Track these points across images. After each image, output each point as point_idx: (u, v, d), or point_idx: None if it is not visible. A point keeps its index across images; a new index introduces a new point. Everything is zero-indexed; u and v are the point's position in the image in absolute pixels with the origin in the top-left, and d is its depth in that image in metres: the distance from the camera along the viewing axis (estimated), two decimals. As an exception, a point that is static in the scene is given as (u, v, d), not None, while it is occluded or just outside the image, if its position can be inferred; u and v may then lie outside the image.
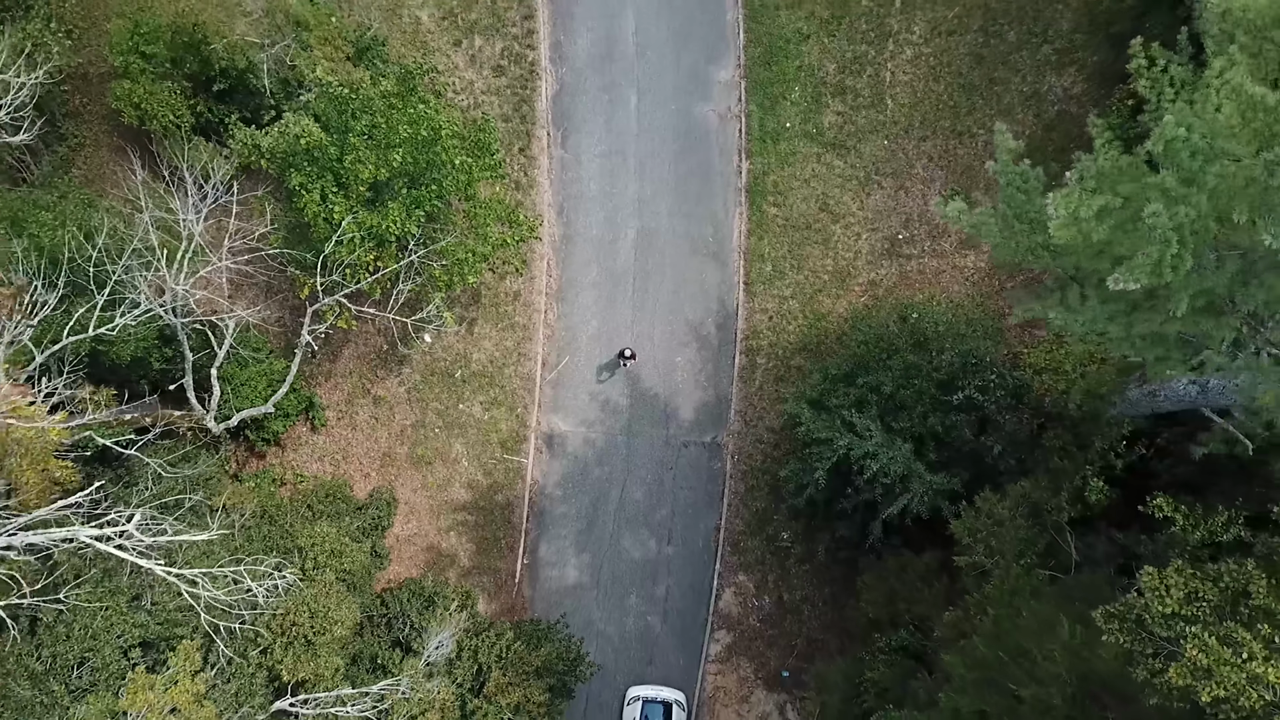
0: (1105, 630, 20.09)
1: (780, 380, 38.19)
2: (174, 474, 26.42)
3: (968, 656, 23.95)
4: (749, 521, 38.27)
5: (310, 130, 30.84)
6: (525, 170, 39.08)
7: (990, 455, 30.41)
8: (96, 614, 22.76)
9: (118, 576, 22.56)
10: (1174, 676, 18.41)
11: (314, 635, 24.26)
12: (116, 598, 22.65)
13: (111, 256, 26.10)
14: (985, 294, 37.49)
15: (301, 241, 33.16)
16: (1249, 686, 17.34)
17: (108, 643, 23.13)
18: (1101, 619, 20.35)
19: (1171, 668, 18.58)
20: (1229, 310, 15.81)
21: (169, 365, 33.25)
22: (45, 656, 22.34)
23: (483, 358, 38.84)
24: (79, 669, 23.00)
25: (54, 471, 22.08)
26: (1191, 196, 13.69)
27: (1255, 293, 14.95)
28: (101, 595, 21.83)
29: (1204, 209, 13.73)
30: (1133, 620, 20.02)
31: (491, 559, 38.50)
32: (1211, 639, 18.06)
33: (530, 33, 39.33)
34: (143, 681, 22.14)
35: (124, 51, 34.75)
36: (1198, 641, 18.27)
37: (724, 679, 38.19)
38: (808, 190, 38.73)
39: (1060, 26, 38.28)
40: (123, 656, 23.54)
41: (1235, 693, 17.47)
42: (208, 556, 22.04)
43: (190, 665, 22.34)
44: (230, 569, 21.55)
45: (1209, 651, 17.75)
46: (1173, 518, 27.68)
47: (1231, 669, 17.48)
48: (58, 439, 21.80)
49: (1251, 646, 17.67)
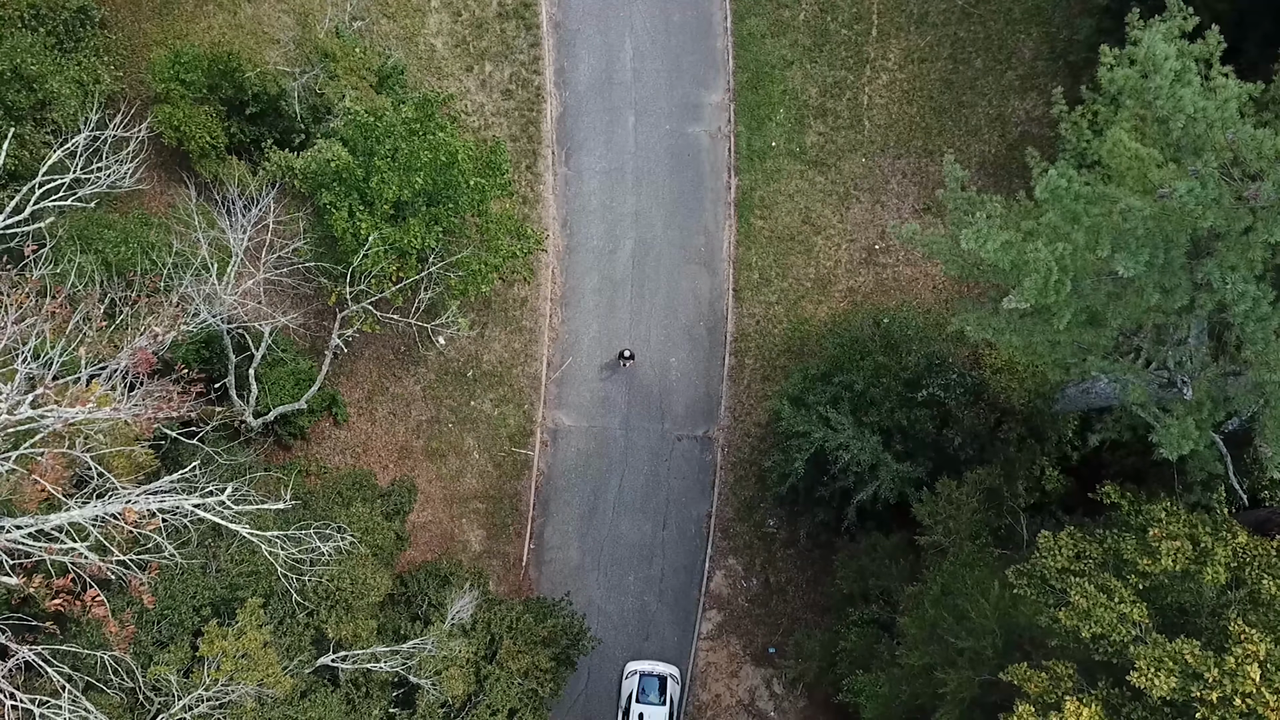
0: (1015, 585, 23.51)
1: (766, 379, 40.55)
2: (228, 461, 29.71)
3: (919, 619, 27.26)
4: (737, 509, 40.63)
5: (339, 154, 33.57)
6: (532, 186, 41.42)
7: (952, 446, 33.19)
8: (174, 577, 26.23)
9: (192, 545, 25.91)
10: (1064, 619, 21.83)
11: (353, 599, 27.60)
12: (192, 563, 26.07)
13: (173, 271, 29.26)
14: (951, 300, 39.78)
15: (330, 254, 35.60)
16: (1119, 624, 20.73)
17: (184, 601, 26.62)
18: (1013, 575, 23.78)
19: (1062, 612, 21.99)
20: (1104, 324, 19.04)
21: (207, 365, 36.05)
22: (135, 611, 25.74)
23: (493, 358, 41.14)
24: (160, 623, 26.44)
25: (137, 457, 25.46)
26: (1073, 233, 16.90)
27: (1121, 310, 18.16)
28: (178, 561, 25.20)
29: (1080, 243, 16.93)
30: (1037, 576, 23.44)
31: (501, 544, 40.77)
32: (1091, 587, 21.46)
33: (536, 59, 41.73)
34: (218, 632, 25.60)
35: (165, 79, 37.07)
36: (1080, 589, 21.68)
37: (715, 655, 40.58)
38: (792, 204, 41.19)
39: (1023, 55, 40.91)
40: (195, 614, 27.01)
41: (1109, 630, 20.88)
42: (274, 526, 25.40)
43: (256, 619, 25.74)
44: (302, 532, 24.90)
45: (1089, 597, 21.15)
46: (1119, 503, 30.83)
47: (1105, 609, 20.89)
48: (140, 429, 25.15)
49: (1121, 592, 21.07)
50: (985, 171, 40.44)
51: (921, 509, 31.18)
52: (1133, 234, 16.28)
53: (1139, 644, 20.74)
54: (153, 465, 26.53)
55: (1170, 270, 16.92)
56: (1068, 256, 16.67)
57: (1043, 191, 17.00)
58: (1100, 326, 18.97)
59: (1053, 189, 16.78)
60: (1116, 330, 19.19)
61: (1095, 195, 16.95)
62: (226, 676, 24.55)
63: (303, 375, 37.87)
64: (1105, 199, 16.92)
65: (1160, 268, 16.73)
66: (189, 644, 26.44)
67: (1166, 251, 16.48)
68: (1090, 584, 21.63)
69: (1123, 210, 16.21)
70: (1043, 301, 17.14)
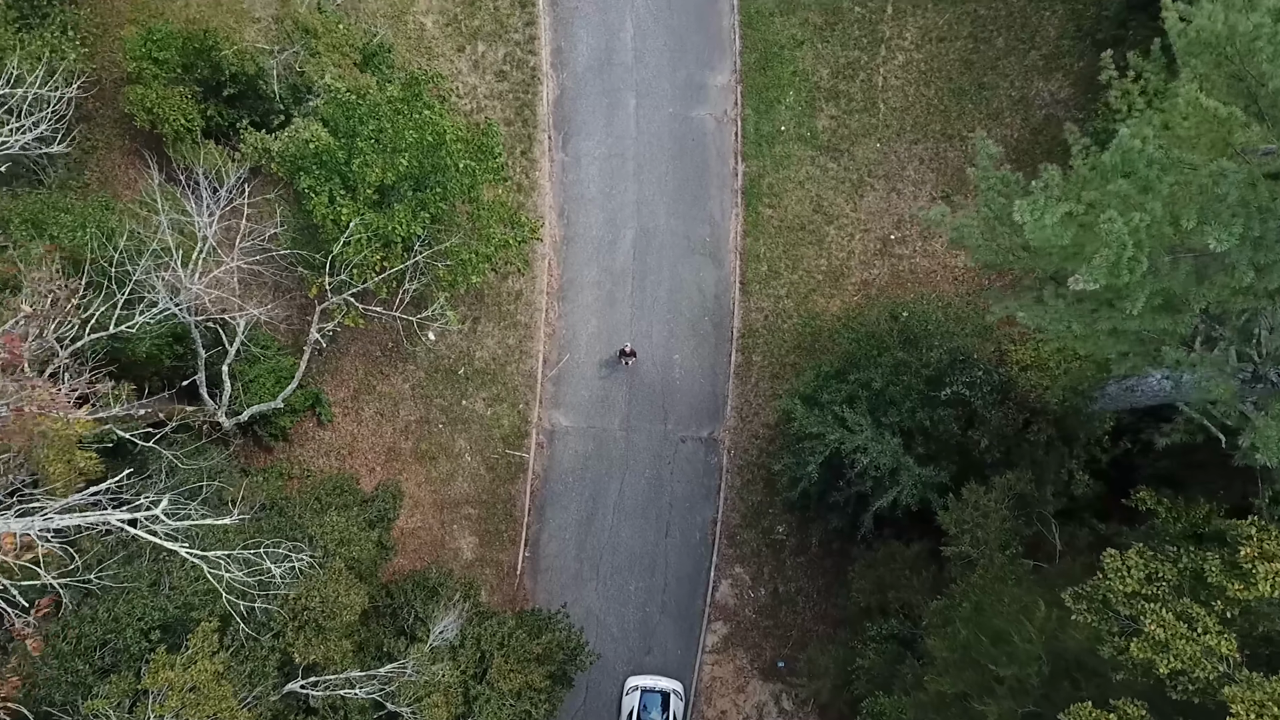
0: (1074, 610, 21.10)
1: (775, 377, 39.07)
2: (190, 466, 27.44)
3: (950, 640, 24.97)
4: (744, 515, 39.13)
5: (319, 135, 31.75)
6: (527, 173, 39.98)
7: (977, 449, 31.33)
8: (119, 597, 23.82)
9: (139, 561, 23.58)
10: (1135, 651, 19.43)
11: (324, 620, 25.26)
12: (138, 582, 23.70)
13: (131, 257, 27.08)
14: (973, 293, 38.37)
15: (310, 242, 33.98)
16: (1203, 658, 18.35)
17: (129, 625, 24.19)
18: (1070, 599, 21.39)
19: (1133, 643, 19.59)
20: (1184, 308, 16.82)
21: (180, 362, 34.17)
22: (71, 637, 23.35)
23: (486, 355, 39.66)
24: (102, 649, 24.06)
25: (79, 462, 23.11)
26: (1147, 203, 14.69)
27: (1207, 292, 15.93)
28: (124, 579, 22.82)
29: (1158, 215, 14.72)
30: (1099, 600, 21.04)
31: (494, 551, 39.31)
32: (1169, 615, 19.09)
33: (532, 39, 40.22)
34: (164, 661, 23.18)
35: (137, 57, 35.49)
36: (1156, 617, 19.30)
37: (721, 669, 39.02)
38: (802, 192, 39.62)
39: (1047, 33, 39.22)
40: (143, 638, 24.61)
41: (1190, 664, 18.48)
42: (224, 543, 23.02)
43: (208, 646, 23.36)
44: (251, 551, 22.53)
45: (1166, 626, 18.78)
46: (1155, 510, 28.64)
47: (1187, 642, 18.51)
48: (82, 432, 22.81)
49: (1205, 621, 18.70)
50: (1008, 157, 38.57)
51: (947, 517, 29.08)
52: (1224, 202, 14.07)
53: (1229, 682, 18.36)
54: (97, 472, 24.20)
55: (1266, 245, 14.70)
56: (1143, 229, 14.45)
57: (1113, 154, 14.80)
58: (1178, 312, 16.72)
59: (1125, 151, 14.57)
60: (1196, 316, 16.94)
61: (1170, 161, 14.73)
62: (172, 713, 22.12)
63: (284, 373, 36.46)
64: (1181, 165, 14.70)
65: (1254, 242, 14.51)
66: (135, 672, 24.05)
67: (1263, 223, 14.27)
68: (1168, 611, 19.23)
69: (1213, 174, 13.98)
70: (1114, 282, 14.93)
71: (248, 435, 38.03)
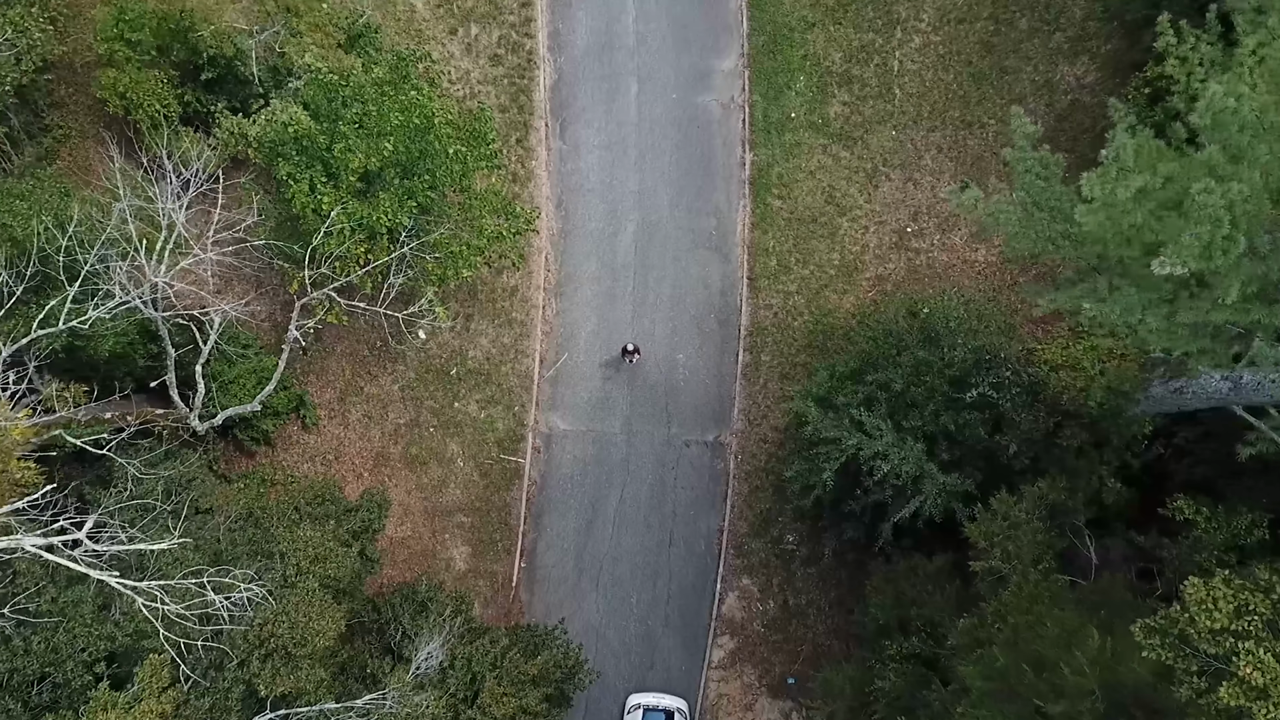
0: (1145, 646, 18.89)
1: (785, 378, 37.57)
2: (152, 475, 25.36)
3: (986, 667, 22.93)
4: (753, 523, 37.66)
5: (299, 118, 30.05)
6: (523, 162, 38.46)
7: (1005, 455, 29.56)
8: (58, 626, 21.50)
9: (82, 586, 21.42)
10: (1225, 697, 17.23)
11: (294, 647, 23.11)
12: (80, 608, 21.44)
13: (85, 246, 25.13)
14: (997, 288, 36.84)
15: (291, 234, 32.44)
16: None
17: (70, 656, 21.77)
18: (1141, 634, 19.19)
19: (1222, 687, 17.39)
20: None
21: (154, 362, 32.40)
22: (2, 672, 21.09)
23: (479, 355, 38.13)
24: (39, 685, 21.76)
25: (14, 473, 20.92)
26: (1242, 173, 12.70)
27: (1311, 278, 13.96)
28: (64, 606, 20.63)
29: (1256, 186, 12.72)
30: (1176, 635, 18.83)
31: (488, 562, 37.85)
32: (1268, 656, 16.92)
33: (528, 21, 38.74)
34: (105, 699, 20.84)
35: (109, 39, 33.99)
36: (1252, 659, 17.07)
37: (727, 686, 37.56)
38: (813, 182, 38.09)
39: (1073, 14, 37.69)
40: (87, 671, 22.24)
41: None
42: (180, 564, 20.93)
43: (157, 681, 21.13)
44: (192, 580, 20.30)
45: (1265, 669, 16.60)
46: (1194, 520, 26.76)
47: (1294, 689, 16.35)
48: (21, 438, 20.73)
49: (1314, 666, 16.53)
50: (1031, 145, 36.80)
51: (976, 529, 27.18)
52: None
53: None
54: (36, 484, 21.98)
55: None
56: (1240, 203, 12.43)
57: (1203, 115, 12.79)
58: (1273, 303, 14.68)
59: (1216, 112, 12.56)
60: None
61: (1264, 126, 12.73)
62: (115, 760, 20.00)
63: (266, 374, 35.00)
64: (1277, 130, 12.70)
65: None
66: (76, 711, 21.81)
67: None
68: (1266, 652, 17.08)
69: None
70: (1205, 265, 12.94)
71: (228, 440, 36.53)
